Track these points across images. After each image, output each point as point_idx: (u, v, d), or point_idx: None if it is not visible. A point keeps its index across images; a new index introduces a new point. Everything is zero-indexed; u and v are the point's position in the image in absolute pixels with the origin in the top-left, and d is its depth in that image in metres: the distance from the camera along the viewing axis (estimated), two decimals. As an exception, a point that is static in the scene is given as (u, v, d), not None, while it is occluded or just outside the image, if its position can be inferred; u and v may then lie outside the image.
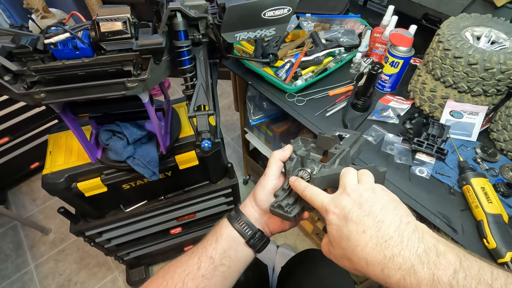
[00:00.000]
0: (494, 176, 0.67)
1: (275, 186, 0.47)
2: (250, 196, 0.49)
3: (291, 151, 0.47)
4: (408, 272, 0.28)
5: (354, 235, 0.32)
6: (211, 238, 0.46)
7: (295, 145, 0.49)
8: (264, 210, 0.47)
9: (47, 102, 0.56)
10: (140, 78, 0.56)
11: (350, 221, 0.33)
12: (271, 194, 0.46)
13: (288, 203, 0.42)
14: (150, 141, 0.78)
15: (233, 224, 0.46)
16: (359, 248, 0.32)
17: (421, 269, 0.28)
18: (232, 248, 0.45)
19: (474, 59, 0.64)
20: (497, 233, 0.55)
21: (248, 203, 0.48)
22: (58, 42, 0.53)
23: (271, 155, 0.47)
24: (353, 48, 0.95)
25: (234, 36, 0.51)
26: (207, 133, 0.54)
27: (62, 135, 0.84)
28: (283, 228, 0.49)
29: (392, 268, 0.29)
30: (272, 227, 0.48)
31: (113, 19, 0.53)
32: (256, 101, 1.08)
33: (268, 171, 0.47)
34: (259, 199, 0.47)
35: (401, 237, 0.30)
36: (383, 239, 0.31)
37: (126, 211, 0.95)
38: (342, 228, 0.34)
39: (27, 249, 1.48)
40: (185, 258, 0.46)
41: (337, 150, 0.44)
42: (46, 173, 0.75)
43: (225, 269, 0.45)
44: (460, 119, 0.73)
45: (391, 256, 0.30)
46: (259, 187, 0.47)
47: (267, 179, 0.47)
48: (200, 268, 0.44)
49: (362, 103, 0.80)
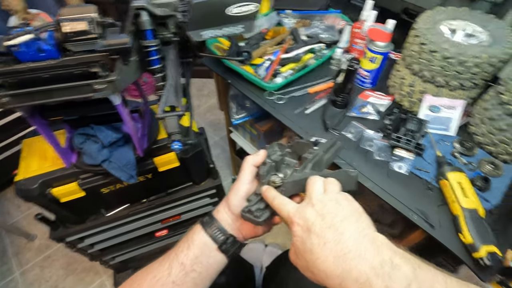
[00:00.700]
0: (471, 170, 0.67)
1: (248, 191, 0.46)
2: (224, 201, 0.48)
3: (264, 156, 0.47)
4: (364, 285, 0.29)
5: (316, 248, 0.33)
6: (182, 245, 0.46)
7: (270, 150, 0.48)
8: (237, 215, 0.46)
9: (11, 106, 0.54)
10: (108, 79, 0.54)
11: (313, 233, 0.33)
12: (244, 199, 0.46)
13: (259, 208, 0.42)
14: (126, 143, 0.77)
15: (206, 230, 0.46)
16: (320, 261, 0.32)
17: (376, 282, 0.28)
18: (204, 254, 0.45)
19: (449, 53, 0.64)
20: (472, 228, 0.55)
21: (221, 208, 0.48)
22: (21, 44, 0.51)
23: (244, 160, 0.47)
24: (333, 44, 0.95)
25: (200, 34, 0.50)
26: (177, 135, 0.53)
27: (37, 140, 0.82)
28: (256, 233, 0.48)
29: (349, 281, 0.30)
30: (245, 232, 0.48)
31: (77, 19, 0.52)
32: (238, 100, 1.07)
33: (241, 176, 0.47)
34: (232, 204, 0.46)
35: (358, 250, 0.31)
36: (342, 252, 0.31)
37: (107, 215, 0.93)
38: (306, 240, 0.34)
39: (12, 256, 1.45)
40: (155, 265, 0.45)
41: (311, 155, 0.44)
42: (18, 179, 0.73)
43: (196, 275, 0.44)
44: (438, 113, 0.73)
45: (349, 269, 0.30)
46: (232, 192, 0.47)
47: (239, 184, 0.46)
48: (170, 274, 0.43)
49: (341, 99, 0.79)
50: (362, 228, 0.33)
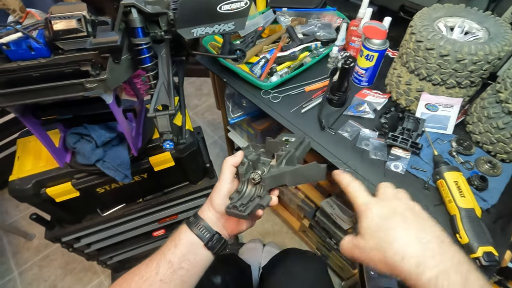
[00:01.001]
0: (469, 169, 0.66)
1: (229, 189, 0.49)
2: (207, 202, 0.50)
3: (242, 156, 0.50)
4: (442, 273, 0.30)
5: (397, 229, 0.34)
6: (169, 244, 0.47)
7: (246, 151, 0.52)
8: (221, 213, 0.48)
9: (1, 105, 0.54)
10: (99, 78, 0.54)
11: (398, 213, 0.35)
12: (226, 197, 0.48)
13: (242, 203, 0.44)
14: (121, 143, 0.76)
15: (192, 229, 0.47)
16: (400, 243, 0.33)
17: (454, 276, 0.30)
18: (191, 251, 0.46)
19: (445, 51, 0.63)
20: (469, 228, 0.54)
21: (206, 208, 0.50)
22: (11, 43, 0.51)
23: (223, 161, 0.50)
24: (330, 42, 0.94)
25: (191, 32, 0.49)
26: (169, 134, 0.52)
27: (31, 139, 0.81)
28: (240, 229, 0.50)
29: (428, 265, 0.31)
30: (230, 228, 0.50)
31: (67, 17, 0.51)
32: (235, 99, 1.06)
33: (222, 176, 0.49)
34: (215, 203, 0.48)
35: (440, 245, 0.32)
36: (425, 239, 0.33)
37: (103, 215, 0.93)
38: (388, 219, 0.35)
39: (10, 256, 1.45)
40: (142, 266, 0.46)
41: (283, 152, 0.48)
42: (12, 179, 0.72)
43: (184, 272, 0.45)
44: (435, 112, 0.72)
45: (431, 255, 0.31)
46: (215, 191, 0.49)
47: (221, 183, 0.49)
48: (158, 273, 0.44)
49: (337, 98, 0.79)
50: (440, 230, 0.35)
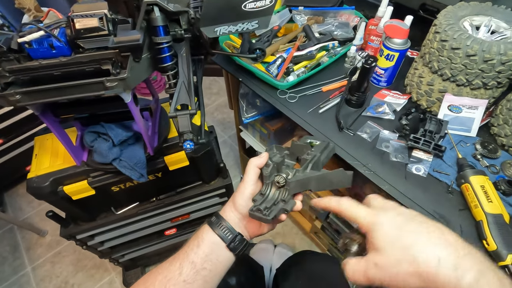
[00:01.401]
0: (494, 173, 0.64)
1: (253, 191, 0.48)
2: (230, 202, 0.50)
3: (267, 158, 0.49)
4: (481, 274, 0.28)
5: (420, 233, 0.33)
6: (192, 244, 0.47)
7: (271, 152, 0.52)
8: (243, 215, 0.48)
9: (22, 104, 0.54)
10: (119, 77, 0.53)
11: (409, 218, 0.34)
12: (249, 199, 0.48)
13: (266, 206, 0.43)
14: (137, 142, 0.76)
15: (214, 229, 0.47)
16: (431, 246, 0.31)
17: (491, 275, 0.28)
18: (214, 252, 0.46)
19: (472, 50, 0.61)
20: (497, 235, 0.52)
21: (228, 208, 0.49)
22: (33, 41, 0.51)
23: (248, 162, 0.49)
24: (347, 42, 0.92)
25: (214, 31, 0.48)
26: (189, 134, 0.52)
27: (49, 137, 0.82)
28: (261, 232, 0.50)
29: (465, 267, 0.29)
30: (251, 230, 0.50)
31: (89, 15, 0.51)
32: (249, 99, 1.05)
33: (246, 177, 0.49)
34: (238, 204, 0.48)
35: (463, 244, 0.31)
36: (450, 239, 0.31)
37: (117, 214, 0.93)
38: (404, 225, 0.34)
39: (24, 251, 1.47)
40: (166, 265, 0.46)
41: (309, 156, 0.47)
42: (31, 176, 0.73)
43: (207, 273, 0.45)
44: (458, 113, 0.70)
45: (463, 255, 0.30)
46: (238, 193, 0.49)
47: (245, 185, 0.48)
48: (181, 273, 0.44)
49: (356, 98, 0.77)
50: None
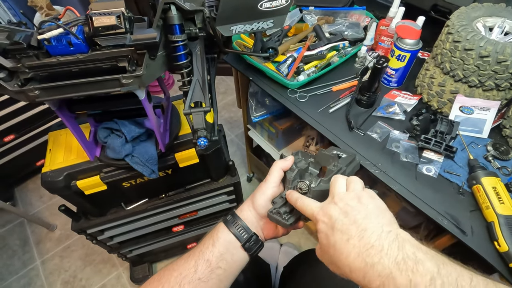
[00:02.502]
0: (506, 175, 0.64)
1: (274, 193, 0.48)
2: (248, 200, 0.50)
3: (292, 161, 0.49)
4: (387, 279, 0.30)
5: (339, 244, 0.34)
6: (207, 242, 0.47)
7: (296, 157, 0.51)
8: (261, 215, 0.48)
9: (41, 99, 0.55)
10: (135, 74, 0.54)
11: (336, 230, 0.35)
12: (269, 200, 0.48)
13: (286, 211, 0.44)
14: (149, 138, 0.77)
15: (230, 228, 0.47)
16: (343, 256, 0.34)
17: (399, 275, 0.29)
18: (228, 251, 0.46)
19: (485, 51, 0.61)
20: (509, 236, 0.52)
21: (246, 207, 0.49)
22: (52, 38, 0.52)
23: (274, 163, 0.49)
24: (358, 42, 0.92)
25: (230, 29, 0.49)
26: (203, 131, 0.52)
27: (62, 132, 0.83)
28: (276, 234, 0.50)
29: (372, 275, 0.31)
30: (266, 232, 0.50)
31: (106, 13, 0.52)
32: (258, 98, 1.06)
33: (269, 178, 0.48)
34: (257, 203, 0.48)
35: (381, 245, 0.32)
36: (365, 247, 0.32)
37: (127, 209, 0.95)
38: (329, 236, 0.36)
39: (34, 245, 1.50)
40: (181, 262, 0.46)
41: (335, 167, 0.46)
42: (45, 171, 0.74)
43: (222, 272, 0.45)
44: (470, 115, 0.70)
45: (372, 263, 0.31)
46: (258, 192, 0.48)
47: (267, 185, 0.48)
48: (197, 271, 0.44)
49: (366, 98, 0.77)
50: (384, 223, 0.34)
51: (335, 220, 0.35)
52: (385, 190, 0.82)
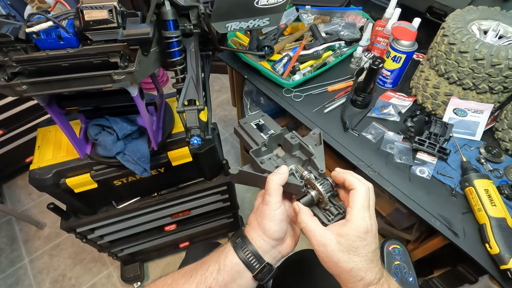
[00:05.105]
0: (498, 177, 0.64)
1: (282, 212, 0.43)
2: (257, 229, 0.44)
3: (287, 172, 0.44)
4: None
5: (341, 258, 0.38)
6: (212, 266, 0.42)
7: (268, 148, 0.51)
8: (279, 240, 0.43)
9: (29, 94, 0.53)
10: (127, 70, 0.53)
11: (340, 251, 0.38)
12: (282, 221, 0.43)
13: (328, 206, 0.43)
14: (141, 136, 0.76)
15: (238, 253, 0.42)
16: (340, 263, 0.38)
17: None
18: (234, 281, 0.41)
19: (480, 54, 0.61)
20: (500, 238, 0.52)
21: (255, 235, 0.43)
22: (41, 31, 0.50)
23: (268, 181, 0.43)
24: (354, 42, 0.92)
25: (226, 26, 0.48)
26: (197, 130, 0.51)
27: (51, 129, 0.81)
28: (293, 248, 0.46)
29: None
30: (286, 251, 0.45)
31: (98, 7, 0.50)
32: (253, 96, 1.05)
33: (270, 200, 0.42)
34: (272, 230, 0.42)
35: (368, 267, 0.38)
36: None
37: (118, 208, 0.93)
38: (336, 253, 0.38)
39: (22, 243, 1.47)
40: (180, 281, 0.42)
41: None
42: (33, 168, 0.73)
43: None
44: (464, 117, 0.70)
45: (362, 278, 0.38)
46: (266, 219, 0.42)
47: (272, 208, 0.42)
48: None
49: (362, 99, 0.77)
50: (377, 271, 0.39)
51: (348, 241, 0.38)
52: (378, 191, 0.82)
